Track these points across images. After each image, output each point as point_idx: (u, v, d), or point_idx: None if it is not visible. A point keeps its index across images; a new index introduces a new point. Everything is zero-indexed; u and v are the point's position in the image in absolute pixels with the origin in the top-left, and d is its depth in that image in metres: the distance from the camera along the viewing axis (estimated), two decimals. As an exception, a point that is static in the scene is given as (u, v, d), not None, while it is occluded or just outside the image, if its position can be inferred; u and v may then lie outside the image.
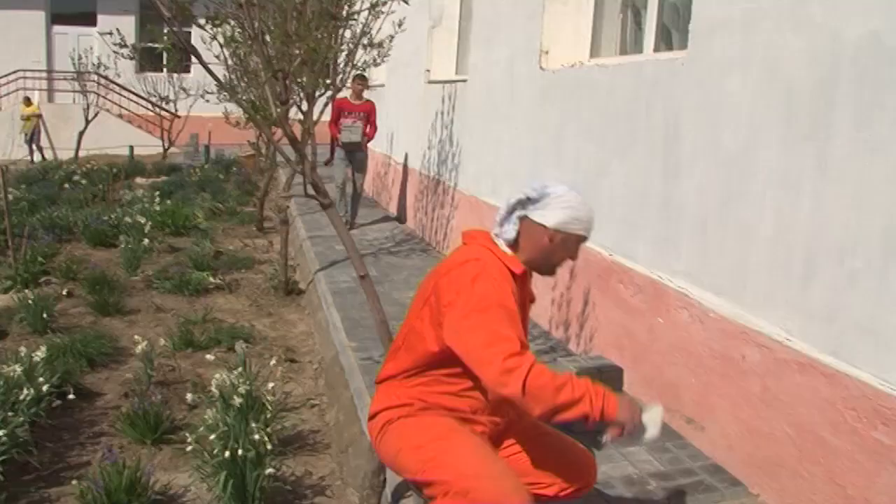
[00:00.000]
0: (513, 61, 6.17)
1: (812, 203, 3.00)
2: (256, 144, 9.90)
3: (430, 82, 8.82)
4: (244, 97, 7.52)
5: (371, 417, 2.62)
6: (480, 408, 2.51)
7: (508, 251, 2.58)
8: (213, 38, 3.14)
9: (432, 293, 2.48)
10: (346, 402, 4.21)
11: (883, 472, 2.63)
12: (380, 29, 6.16)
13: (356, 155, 9.44)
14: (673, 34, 4.56)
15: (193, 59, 2.95)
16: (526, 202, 2.60)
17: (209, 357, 4.44)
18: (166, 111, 19.53)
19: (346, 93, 8.98)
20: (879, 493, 2.65)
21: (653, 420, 2.40)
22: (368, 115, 9.42)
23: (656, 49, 4.61)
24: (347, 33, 6.01)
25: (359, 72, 7.62)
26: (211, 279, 6.92)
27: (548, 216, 2.57)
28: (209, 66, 2.74)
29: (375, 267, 7.27)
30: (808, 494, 2.98)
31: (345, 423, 4.08)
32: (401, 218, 10.12)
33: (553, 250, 2.60)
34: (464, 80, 7.56)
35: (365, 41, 5.96)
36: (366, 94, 9.67)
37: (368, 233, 9.08)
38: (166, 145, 19.11)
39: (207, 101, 11.03)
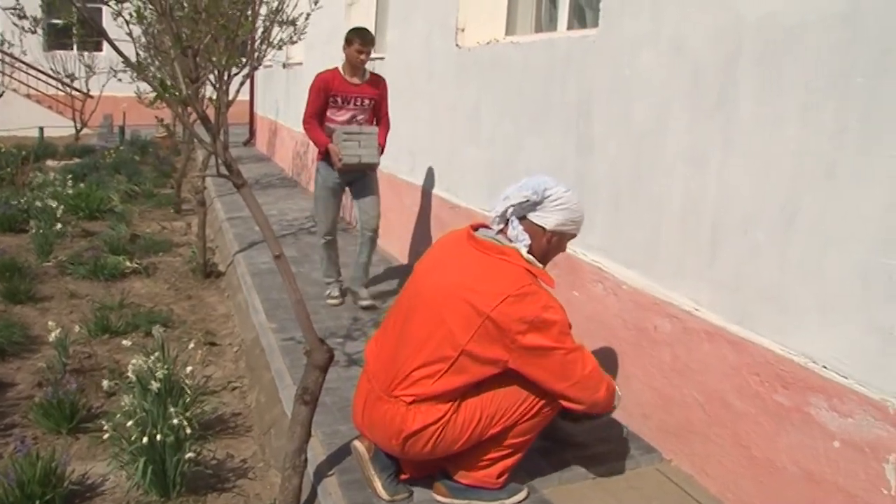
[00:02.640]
0: (430, 39, 6.17)
1: (718, 177, 3.10)
2: (170, 125, 9.63)
3: (349, 60, 8.73)
4: (157, 76, 7.35)
5: (410, 436, 2.74)
6: None
7: (539, 264, 2.82)
8: (119, 13, 3.05)
9: (488, 321, 2.61)
10: (268, 384, 4.19)
11: (783, 433, 2.76)
12: (295, 5, 6.08)
13: (361, 180, 5.38)
14: (586, 12, 4.62)
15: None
16: (525, 205, 2.79)
17: (126, 343, 4.37)
18: (78, 91, 18.88)
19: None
20: (780, 452, 2.77)
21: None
22: (378, 105, 5.41)
23: (570, 27, 4.67)
24: (263, 9, 5.91)
25: (359, 27, 5.36)
26: (127, 263, 6.77)
27: (547, 219, 2.83)
28: (120, 43, 2.66)
29: (294, 247, 7.22)
30: (718, 457, 3.10)
31: (266, 404, 4.07)
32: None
33: (550, 250, 2.90)
34: (381, 58, 7.52)
35: (280, 18, 5.88)
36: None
37: (288, 213, 8.99)
38: (78, 126, 18.48)
39: (120, 80, 10.72)
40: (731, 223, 3.04)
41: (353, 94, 5.26)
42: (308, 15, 6.46)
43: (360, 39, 5.11)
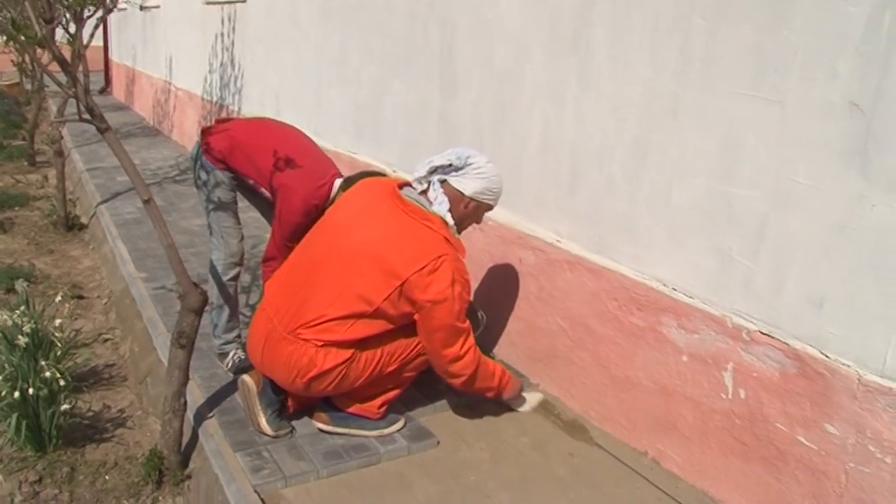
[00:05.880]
0: (293, -20, 6.07)
1: (575, 114, 3.26)
2: (21, 68, 9.08)
3: (208, 3, 8.48)
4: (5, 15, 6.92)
5: (317, 376, 2.81)
6: None
7: (456, 234, 2.93)
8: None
9: (403, 285, 2.70)
10: (141, 333, 4.15)
11: (639, 352, 2.99)
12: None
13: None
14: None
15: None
16: (447, 168, 2.91)
17: (-13, 300, 4.22)
18: None
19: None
20: (637, 370, 3.01)
21: (530, 401, 3.35)
22: None
23: (432, -31, 4.70)
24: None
25: None
26: (-20, 219, 6.47)
27: (466, 184, 2.95)
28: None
29: (161, 196, 7.03)
30: (581, 378, 3.32)
31: (140, 353, 4.04)
32: (185, 146, 9.78)
33: (467, 216, 2.99)
34: (243, 2, 7.35)
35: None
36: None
37: (151, 162, 8.72)
38: (-89, 75, 17.17)
39: (-43, 24, 10.02)
40: (587, 159, 3.22)
41: None
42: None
43: None
